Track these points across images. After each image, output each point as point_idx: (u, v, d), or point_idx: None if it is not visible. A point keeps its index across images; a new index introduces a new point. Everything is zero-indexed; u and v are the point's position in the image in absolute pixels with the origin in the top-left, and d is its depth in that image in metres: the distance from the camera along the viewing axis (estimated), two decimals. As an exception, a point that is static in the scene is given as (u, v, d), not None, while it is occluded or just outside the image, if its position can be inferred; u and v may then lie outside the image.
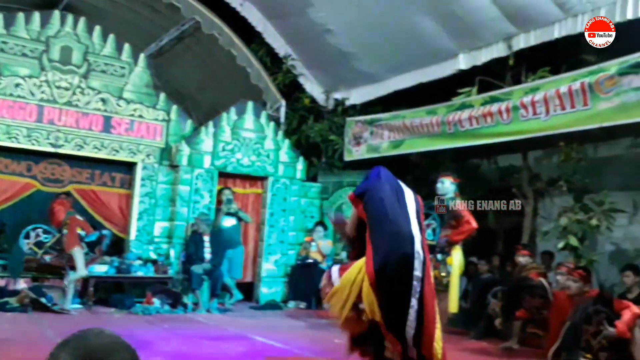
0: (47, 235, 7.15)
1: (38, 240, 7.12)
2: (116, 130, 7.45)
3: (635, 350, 4.22)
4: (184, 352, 4.45)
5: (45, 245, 7.12)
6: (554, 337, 4.66)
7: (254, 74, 8.69)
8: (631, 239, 7.28)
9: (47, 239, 7.15)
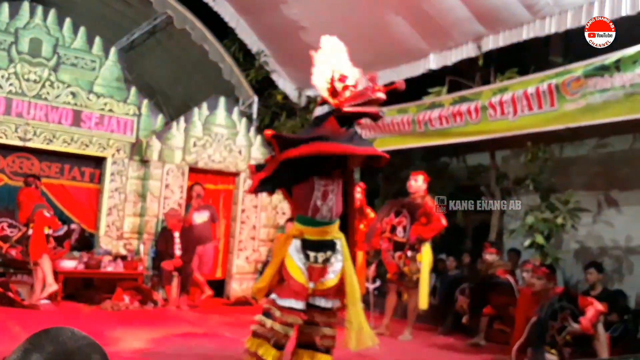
0: (13, 230, 6.99)
1: (3, 235, 6.96)
2: (86, 124, 7.32)
3: (598, 346, 4.36)
4: (153, 348, 4.42)
5: (10, 239, 6.95)
6: (519, 333, 4.78)
7: (226, 70, 8.64)
8: (595, 237, 7.49)
9: (13, 233, 6.98)
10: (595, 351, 4.33)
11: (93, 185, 7.58)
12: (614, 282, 7.08)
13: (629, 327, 5.34)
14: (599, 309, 4.38)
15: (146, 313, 6.32)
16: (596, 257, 7.22)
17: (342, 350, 4.90)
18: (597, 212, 7.43)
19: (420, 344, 5.49)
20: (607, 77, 5.33)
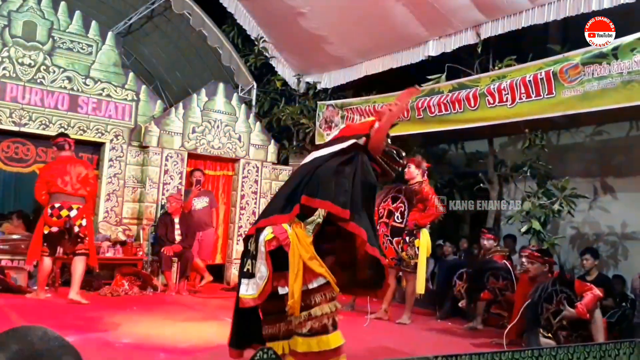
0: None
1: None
2: (83, 109, 7.30)
3: (595, 330, 4.42)
4: (152, 333, 4.46)
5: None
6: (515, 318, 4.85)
7: (225, 56, 8.60)
8: (591, 223, 7.57)
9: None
10: (592, 335, 4.39)
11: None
12: (610, 268, 7.17)
13: (627, 313, 5.42)
14: (597, 294, 4.43)
15: (146, 299, 6.36)
16: (592, 243, 7.30)
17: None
18: (593, 198, 7.50)
19: (419, 328, 5.57)
20: (604, 65, 5.35)
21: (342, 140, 3.26)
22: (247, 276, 3.06)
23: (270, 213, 3.13)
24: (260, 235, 3.03)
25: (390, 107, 3.36)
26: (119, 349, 3.88)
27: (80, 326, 4.42)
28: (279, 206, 3.12)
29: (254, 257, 3.05)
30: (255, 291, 3.00)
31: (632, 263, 6.78)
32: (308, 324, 2.96)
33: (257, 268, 3.01)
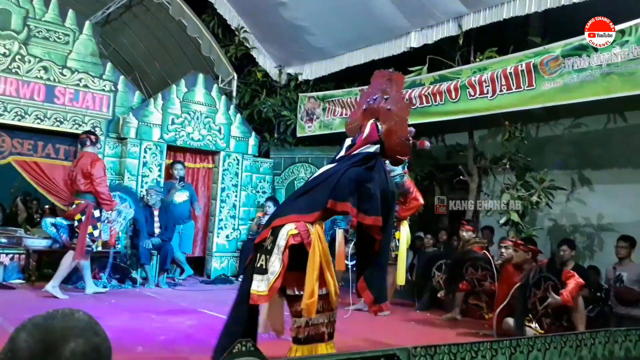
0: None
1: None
2: (60, 100, 7.14)
3: (577, 318, 4.49)
4: (131, 326, 4.40)
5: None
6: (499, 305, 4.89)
7: (205, 46, 8.50)
8: (568, 215, 7.67)
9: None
10: (574, 323, 4.46)
11: (68, 162, 7.41)
12: (586, 259, 7.28)
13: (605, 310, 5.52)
14: (580, 282, 4.50)
15: (124, 292, 6.29)
16: (569, 234, 7.40)
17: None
18: (571, 190, 7.60)
19: (398, 319, 5.59)
20: (584, 57, 5.40)
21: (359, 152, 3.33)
22: (260, 272, 3.03)
23: (289, 213, 3.13)
24: (281, 230, 3.02)
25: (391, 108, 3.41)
26: (95, 343, 3.81)
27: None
28: (299, 207, 3.14)
29: (268, 253, 3.02)
30: (266, 287, 2.98)
31: (607, 254, 6.88)
32: (306, 331, 3.02)
33: (270, 263, 2.98)
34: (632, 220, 6.83)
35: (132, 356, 3.54)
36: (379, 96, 3.50)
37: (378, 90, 3.56)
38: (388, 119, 3.39)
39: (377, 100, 3.49)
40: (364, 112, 3.54)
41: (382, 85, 3.56)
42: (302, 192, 3.34)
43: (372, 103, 3.52)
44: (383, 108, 3.44)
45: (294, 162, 9.08)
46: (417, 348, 2.77)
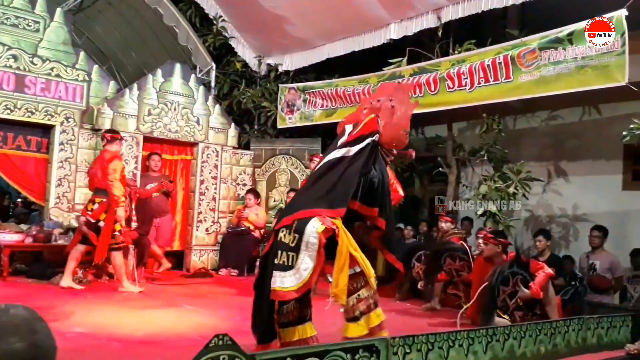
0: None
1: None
2: (31, 90, 6.94)
3: (549, 309, 4.55)
4: (108, 322, 4.33)
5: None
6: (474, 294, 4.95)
7: (182, 35, 8.34)
8: (544, 206, 7.79)
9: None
10: (547, 313, 4.52)
11: (41, 155, 7.25)
12: (561, 249, 7.41)
13: (579, 290, 5.61)
14: (548, 272, 4.55)
15: (101, 287, 6.18)
16: (545, 224, 7.52)
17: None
18: (547, 181, 7.71)
19: (378, 311, 5.61)
20: (560, 50, 5.45)
21: (362, 139, 3.41)
22: (283, 269, 3.08)
23: (308, 206, 3.19)
24: (307, 227, 3.07)
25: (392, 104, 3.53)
26: (70, 339, 3.74)
27: (30, 316, 4.24)
28: (319, 201, 3.21)
29: (292, 250, 3.08)
30: (295, 283, 3.03)
31: (582, 244, 7.01)
32: (359, 307, 3.21)
33: (300, 260, 3.05)
34: (605, 210, 6.97)
35: (109, 352, 3.49)
36: (384, 99, 3.64)
37: (381, 94, 3.73)
38: (389, 113, 3.54)
39: (381, 102, 3.63)
40: (366, 113, 3.66)
41: (386, 91, 3.76)
42: (317, 178, 3.40)
43: (374, 104, 3.65)
44: (386, 106, 3.59)
45: (275, 154, 9.02)
46: (395, 338, 2.78)
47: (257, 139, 9.14)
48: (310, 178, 3.55)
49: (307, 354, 2.35)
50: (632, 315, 4.30)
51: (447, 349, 2.99)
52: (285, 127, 9.08)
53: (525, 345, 3.48)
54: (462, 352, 3.07)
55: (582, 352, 3.84)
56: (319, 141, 9.03)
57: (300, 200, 3.37)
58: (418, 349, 2.84)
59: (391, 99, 3.61)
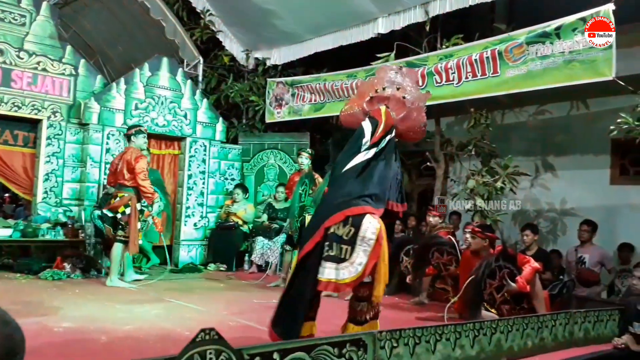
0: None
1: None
2: (17, 84, 6.86)
3: (536, 303, 4.58)
4: (95, 316, 4.31)
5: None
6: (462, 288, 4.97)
7: (170, 29, 8.27)
8: (532, 200, 7.84)
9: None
10: (534, 307, 4.55)
11: (28, 149, 7.18)
12: (549, 243, 7.47)
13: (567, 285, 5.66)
14: (535, 267, 4.57)
15: (89, 281, 6.15)
16: (533, 219, 7.57)
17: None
18: (535, 176, 7.76)
19: (366, 305, 5.62)
20: (547, 44, 5.48)
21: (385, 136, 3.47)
22: (335, 260, 3.14)
23: (357, 204, 3.24)
24: (364, 222, 3.15)
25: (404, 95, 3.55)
26: (57, 334, 3.72)
27: (17, 311, 4.21)
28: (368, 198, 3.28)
29: (346, 242, 3.14)
30: (348, 276, 3.10)
31: (569, 238, 7.07)
32: (371, 311, 3.28)
33: (355, 253, 3.12)
34: (593, 204, 7.03)
35: (96, 346, 3.47)
36: (389, 86, 3.61)
37: (386, 81, 3.66)
38: (402, 106, 3.55)
39: (388, 90, 3.60)
40: (370, 101, 3.62)
41: (391, 78, 3.68)
42: (355, 176, 3.39)
43: (381, 92, 3.61)
44: (395, 96, 3.57)
45: (263, 149, 9.00)
46: (382, 332, 2.80)
47: (245, 134, 9.11)
48: (342, 177, 3.44)
49: (295, 348, 2.36)
50: (619, 309, 4.34)
51: (434, 342, 3.01)
52: (273, 122, 9.06)
53: (512, 339, 3.51)
54: (449, 346, 3.09)
55: (569, 346, 3.87)
56: (307, 136, 9.02)
57: (340, 199, 3.32)
58: (405, 343, 2.86)
59: (399, 87, 3.60)
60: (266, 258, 7.45)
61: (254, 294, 5.83)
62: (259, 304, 5.23)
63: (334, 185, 3.48)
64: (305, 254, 3.29)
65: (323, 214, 3.34)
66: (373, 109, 3.58)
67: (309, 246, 3.28)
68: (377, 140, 3.45)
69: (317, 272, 3.18)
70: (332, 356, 2.48)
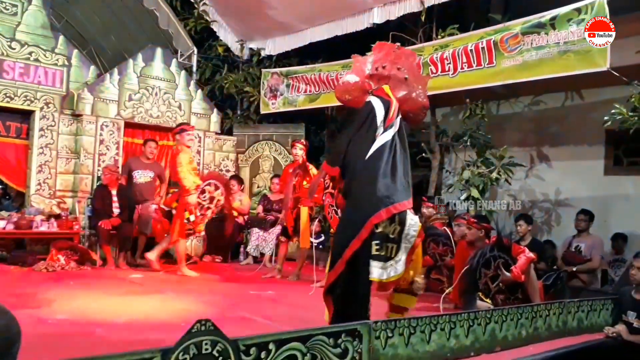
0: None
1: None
2: (9, 75, 6.80)
3: (531, 293, 4.60)
4: (90, 308, 4.30)
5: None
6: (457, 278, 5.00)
7: (163, 19, 8.21)
8: (527, 191, 7.86)
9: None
10: (528, 296, 4.58)
11: (20, 140, 7.12)
12: (544, 233, 7.51)
13: (561, 275, 5.70)
14: (530, 257, 4.59)
15: (83, 273, 6.13)
16: (528, 209, 7.60)
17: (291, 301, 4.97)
18: (530, 167, 7.78)
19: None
20: (543, 35, 5.47)
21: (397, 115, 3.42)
22: (383, 259, 3.15)
23: (403, 198, 3.27)
24: (407, 219, 3.21)
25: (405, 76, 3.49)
26: (52, 325, 3.71)
27: (11, 303, 4.18)
28: (400, 192, 3.27)
29: (392, 241, 3.16)
30: (394, 274, 3.17)
31: (564, 228, 7.12)
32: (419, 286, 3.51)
33: (400, 252, 3.18)
34: (587, 195, 7.06)
35: (91, 338, 3.46)
36: (389, 65, 3.51)
37: (385, 59, 3.55)
38: (403, 87, 3.47)
39: (387, 68, 3.49)
40: (370, 77, 3.50)
41: (390, 56, 3.57)
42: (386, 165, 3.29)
43: (380, 70, 3.50)
44: (397, 76, 3.47)
45: (258, 140, 8.97)
46: (377, 322, 2.80)
47: (240, 125, 9.07)
48: (371, 165, 3.28)
49: (290, 338, 2.36)
50: (612, 299, 4.37)
51: (429, 332, 3.02)
52: (268, 113, 9.03)
53: (507, 329, 3.52)
54: (444, 336, 3.10)
55: (562, 335, 3.90)
56: (302, 127, 9.00)
57: (382, 191, 3.22)
58: (400, 333, 2.86)
59: (399, 67, 3.49)
60: (261, 249, 7.45)
61: (249, 285, 5.83)
62: (254, 294, 5.23)
63: (365, 174, 3.28)
64: (354, 252, 3.17)
65: (366, 208, 3.20)
66: (376, 88, 3.47)
67: (355, 244, 3.16)
68: (392, 121, 3.35)
69: (367, 271, 3.15)
70: (327, 346, 2.48)
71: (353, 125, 3.44)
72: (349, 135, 3.41)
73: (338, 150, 3.48)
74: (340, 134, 3.64)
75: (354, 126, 3.41)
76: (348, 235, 3.20)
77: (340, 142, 3.53)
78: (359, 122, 3.38)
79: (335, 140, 3.61)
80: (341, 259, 3.19)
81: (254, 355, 2.18)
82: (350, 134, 3.42)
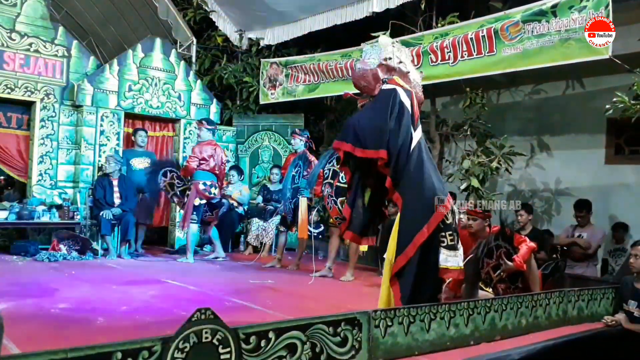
0: None
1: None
2: (9, 66, 6.79)
3: (532, 282, 4.61)
4: (92, 298, 4.32)
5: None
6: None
7: (162, 9, 8.18)
8: (527, 180, 7.85)
9: None
10: (529, 285, 4.59)
11: (22, 131, 7.13)
12: (544, 223, 7.51)
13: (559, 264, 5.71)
14: (531, 246, 4.60)
15: (85, 263, 6.17)
16: (528, 199, 7.60)
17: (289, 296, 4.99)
18: (530, 156, 7.76)
19: (361, 284, 5.67)
20: (543, 23, 5.43)
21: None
22: (451, 248, 3.38)
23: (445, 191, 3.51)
24: (455, 211, 3.47)
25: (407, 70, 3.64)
26: (54, 315, 3.73)
27: (14, 292, 4.23)
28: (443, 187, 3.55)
29: (455, 230, 3.42)
30: (457, 264, 3.40)
31: (564, 218, 7.11)
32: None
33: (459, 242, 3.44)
34: (588, 184, 7.05)
35: (92, 327, 3.48)
36: (395, 58, 3.63)
37: (388, 52, 3.65)
38: (407, 80, 3.61)
39: (392, 61, 3.62)
40: (380, 66, 3.61)
41: (394, 50, 3.69)
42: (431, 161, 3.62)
43: (389, 63, 3.61)
44: (401, 69, 3.61)
45: (258, 130, 8.96)
46: (377, 311, 2.82)
47: (239, 115, 9.06)
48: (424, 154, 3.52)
49: (290, 327, 2.37)
50: (613, 288, 4.38)
51: (429, 321, 3.03)
52: (267, 103, 9.00)
53: (507, 318, 3.53)
54: (443, 325, 3.11)
55: (562, 324, 3.91)
56: (301, 117, 8.98)
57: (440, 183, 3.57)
58: (400, 322, 2.87)
59: (401, 61, 3.62)
60: (261, 239, 7.47)
61: (250, 275, 5.85)
62: (255, 284, 5.26)
63: (418, 166, 3.45)
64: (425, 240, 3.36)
65: (430, 198, 3.39)
66: (389, 77, 3.56)
67: (424, 234, 3.35)
68: (418, 116, 3.54)
69: (437, 258, 3.36)
70: (327, 335, 2.50)
71: (384, 110, 3.43)
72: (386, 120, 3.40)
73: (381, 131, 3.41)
74: (367, 116, 3.53)
75: (386, 111, 3.42)
76: (417, 221, 3.39)
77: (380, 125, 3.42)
78: (390, 107, 3.42)
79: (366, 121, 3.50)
80: (412, 243, 3.36)
81: (253, 343, 2.20)
82: (384, 118, 3.41)
